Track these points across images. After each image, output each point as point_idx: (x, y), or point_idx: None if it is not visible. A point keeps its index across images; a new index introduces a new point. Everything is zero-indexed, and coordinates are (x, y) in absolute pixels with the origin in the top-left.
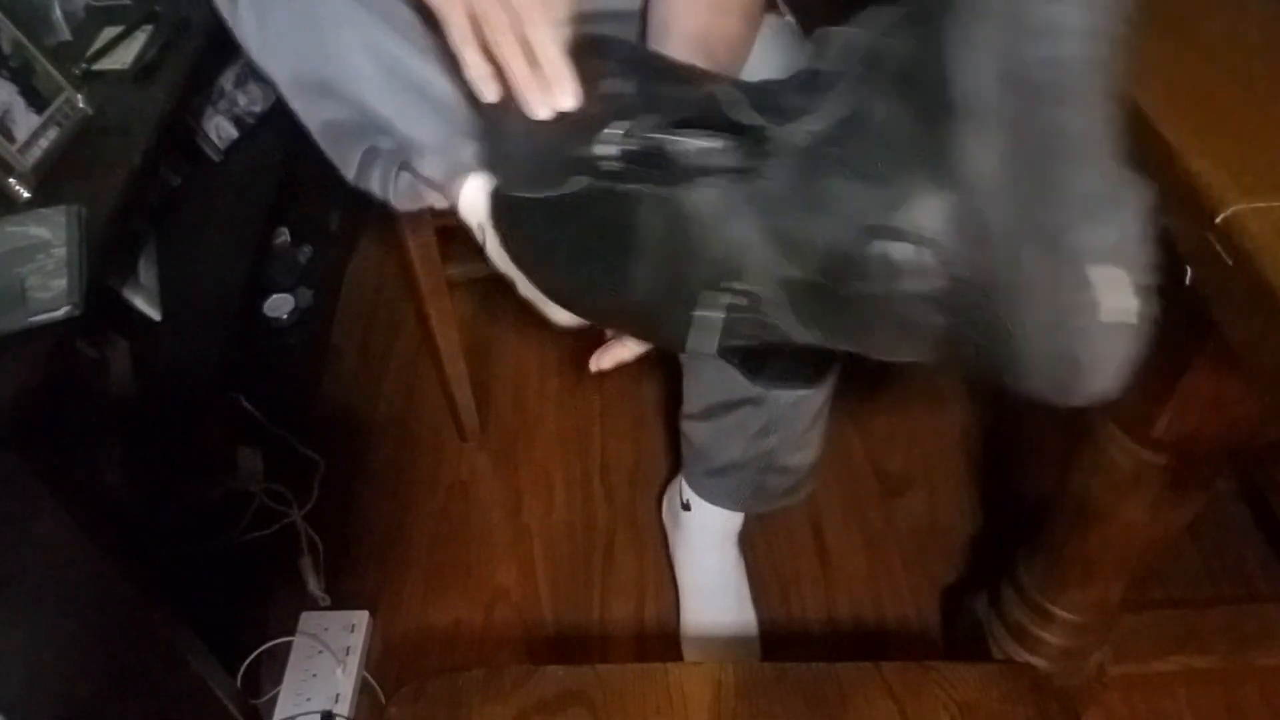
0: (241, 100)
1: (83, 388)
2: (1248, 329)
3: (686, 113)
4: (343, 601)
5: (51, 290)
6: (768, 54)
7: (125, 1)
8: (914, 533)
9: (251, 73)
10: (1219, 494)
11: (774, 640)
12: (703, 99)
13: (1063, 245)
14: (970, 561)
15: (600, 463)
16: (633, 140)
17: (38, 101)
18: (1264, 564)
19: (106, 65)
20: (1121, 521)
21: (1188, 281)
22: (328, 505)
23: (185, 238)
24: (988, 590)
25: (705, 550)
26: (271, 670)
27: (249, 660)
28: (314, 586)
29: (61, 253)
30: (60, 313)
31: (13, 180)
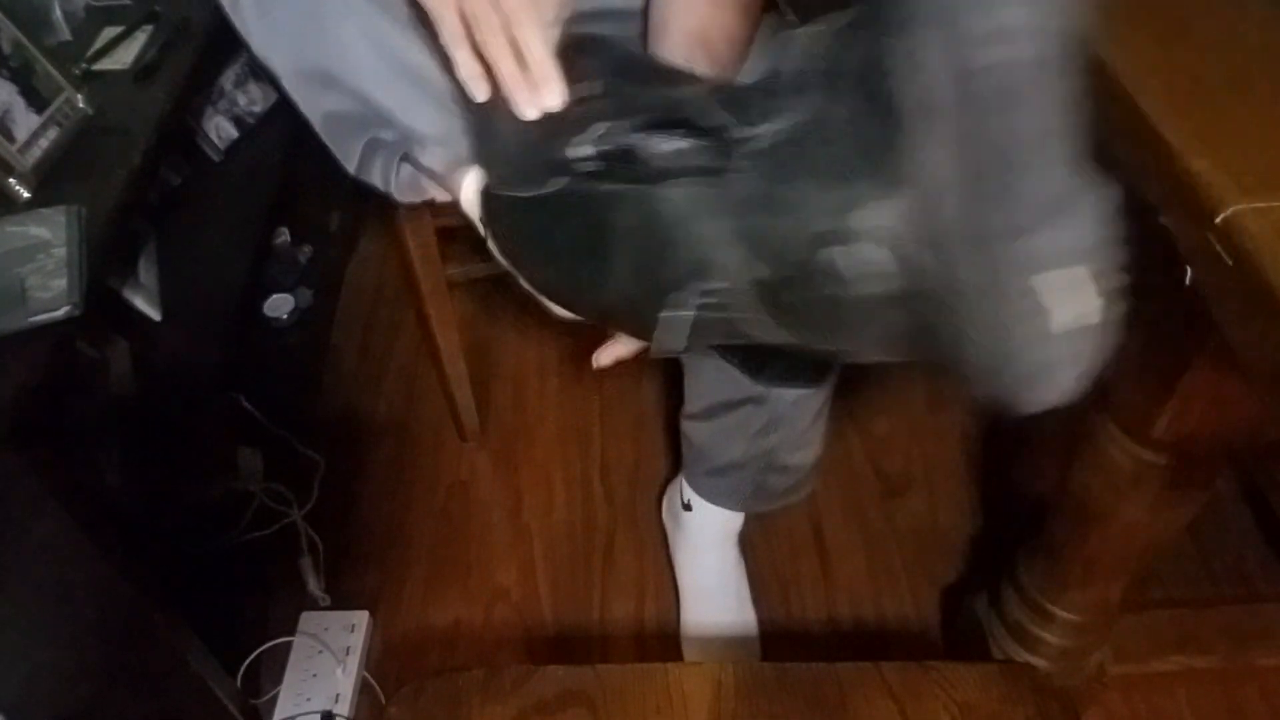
0: (241, 100)
1: (83, 388)
2: (1248, 329)
3: (660, 115)
4: (343, 601)
5: (51, 290)
6: (768, 54)
7: (125, 1)
8: (914, 533)
9: (252, 73)
10: (1219, 494)
11: (774, 640)
12: (676, 101)
13: (1009, 254)
14: (970, 561)
15: (600, 463)
16: (607, 142)
17: (38, 101)
18: (1264, 564)
19: (106, 65)
20: (1121, 521)
21: (1188, 281)
22: (328, 505)
23: (185, 238)
24: (988, 590)
25: (706, 550)
26: (271, 670)
27: (249, 660)
28: (314, 586)
29: (61, 253)
30: (60, 313)
31: (13, 180)
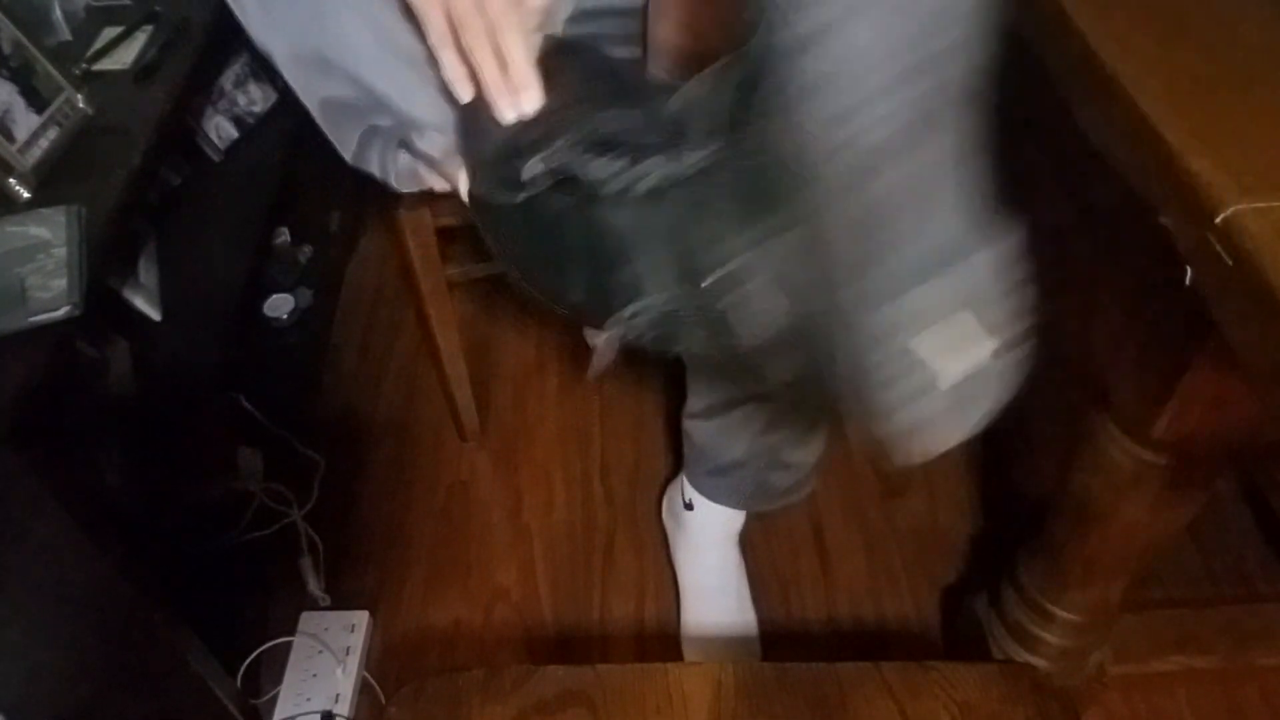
0: (241, 100)
1: (83, 388)
2: (1248, 329)
3: (603, 135)
4: (343, 601)
5: (51, 290)
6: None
7: (125, 1)
8: (914, 533)
9: (252, 73)
10: (1219, 494)
11: (774, 640)
12: (623, 122)
13: (882, 320)
14: (970, 561)
15: (600, 463)
16: (554, 161)
17: (38, 101)
18: (1264, 564)
19: (106, 65)
20: (1121, 521)
21: (1188, 281)
22: (328, 505)
23: (185, 238)
24: (988, 590)
25: (706, 550)
26: (271, 670)
27: (249, 660)
28: (314, 586)
29: (61, 253)
30: (60, 313)
31: (13, 180)
